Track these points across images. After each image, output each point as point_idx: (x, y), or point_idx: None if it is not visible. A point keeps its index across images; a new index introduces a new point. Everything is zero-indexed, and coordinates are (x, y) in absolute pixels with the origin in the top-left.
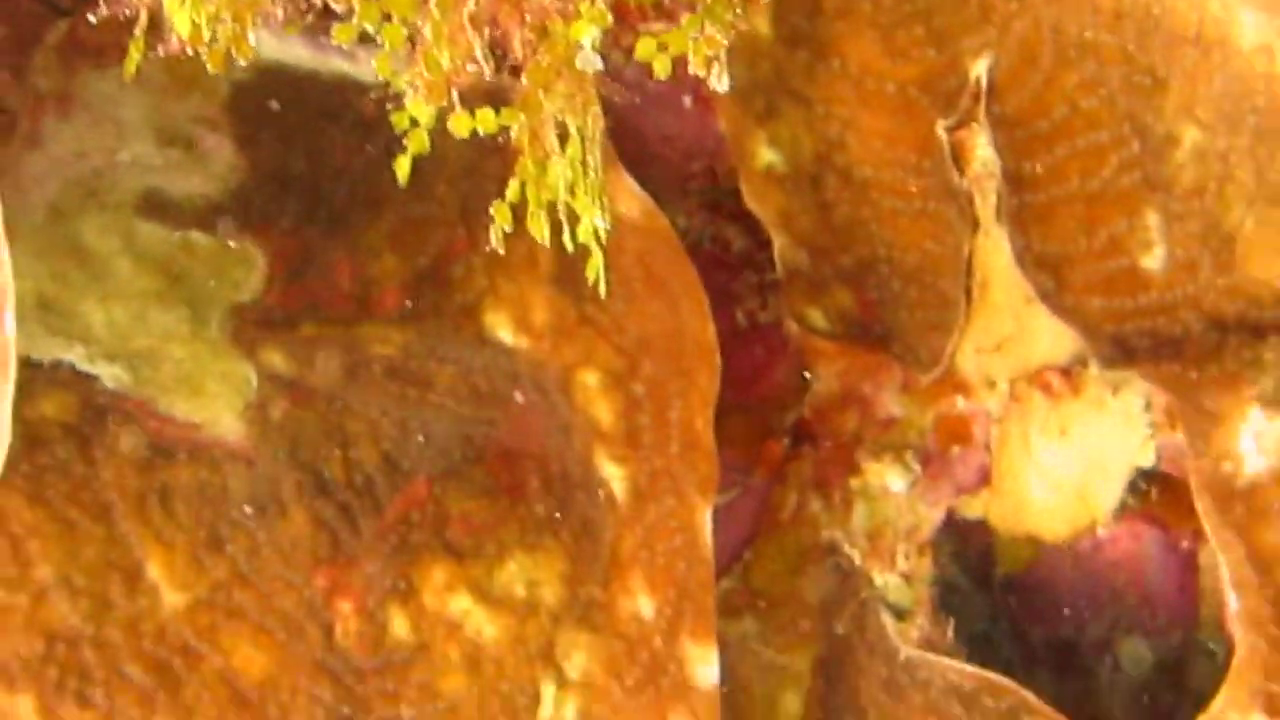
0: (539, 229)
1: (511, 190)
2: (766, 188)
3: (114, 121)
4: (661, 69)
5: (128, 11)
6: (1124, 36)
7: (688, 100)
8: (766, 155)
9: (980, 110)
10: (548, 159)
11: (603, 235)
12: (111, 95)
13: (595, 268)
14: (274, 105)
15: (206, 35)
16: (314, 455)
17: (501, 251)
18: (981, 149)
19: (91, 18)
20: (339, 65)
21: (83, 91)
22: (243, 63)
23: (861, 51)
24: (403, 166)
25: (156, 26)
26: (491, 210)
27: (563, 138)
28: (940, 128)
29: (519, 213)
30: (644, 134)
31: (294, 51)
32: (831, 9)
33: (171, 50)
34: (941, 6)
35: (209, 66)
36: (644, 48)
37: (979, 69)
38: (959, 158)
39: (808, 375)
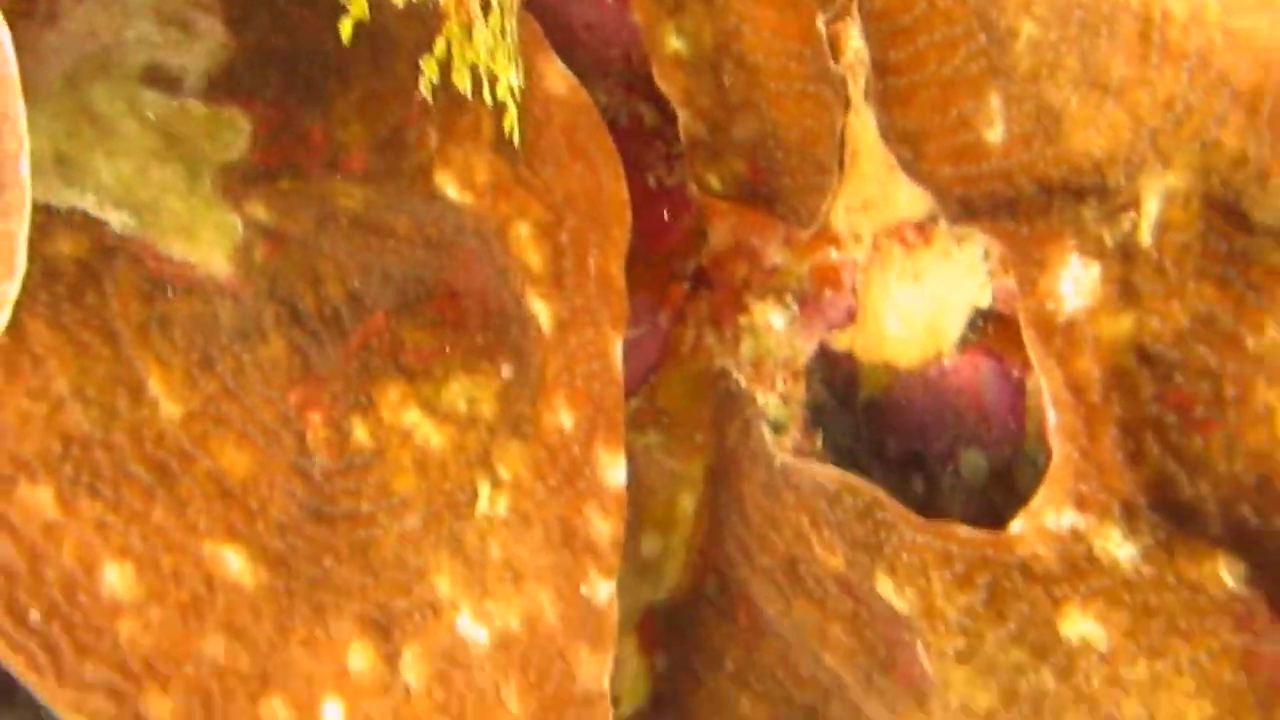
0: (462, 83)
1: (438, 48)
2: (674, 71)
3: (121, 4)
4: None
5: None
6: None
7: None
8: (674, 43)
9: (853, 6)
10: (471, 24)
11: (517, 93)
12: None
13: (510, 121)
14: None
15: None
16: (290, 291)
17: (431, 100)
18: (854, 40)
19: None
20: None
21: None
22: None
23: None
24: (345, 28)
25: None
26: (421, 63)
27: (485, 8)
28: (820, 21)
29: (446, 70)
30: (571, 24)
31: None
32: None
33: None
34: None
35: None
36: None
37: None
38: (835, 47)
39: (706, 230)
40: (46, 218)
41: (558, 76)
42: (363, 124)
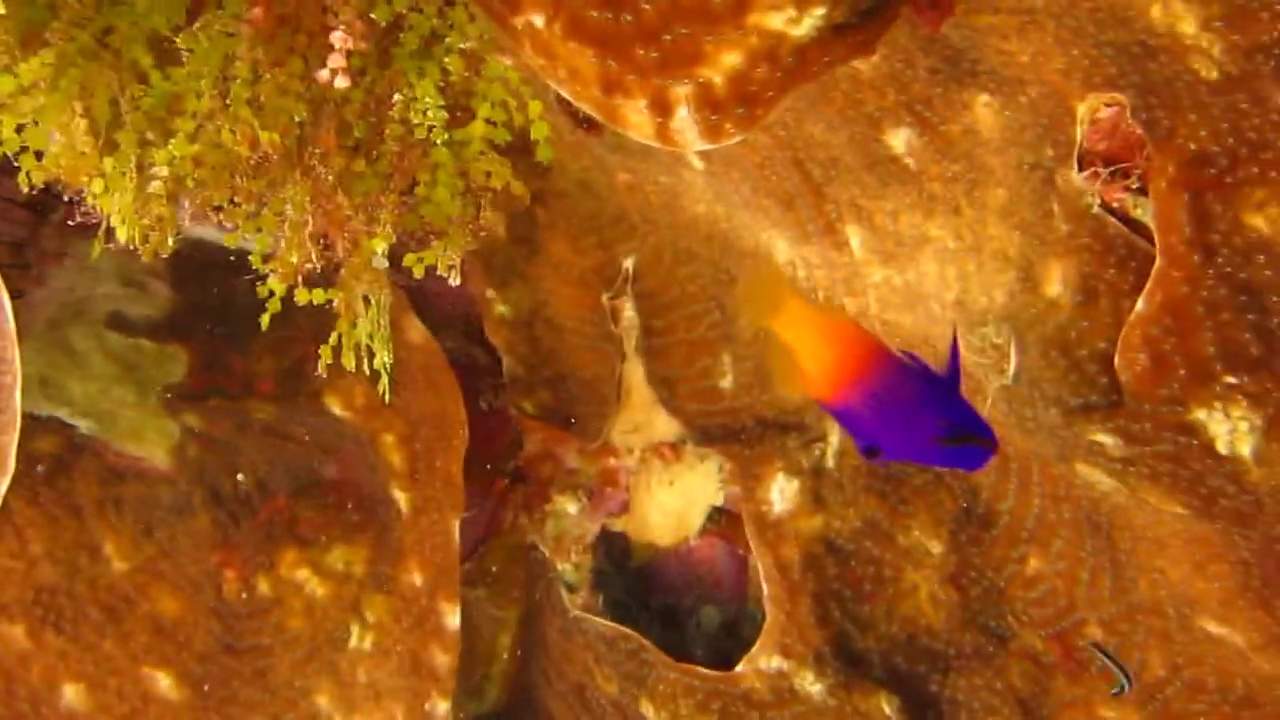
0: (349, 363)
1: (332, 339)
2: (500, 328)
3: (93, 270)
4: (418, 271)
5: (95, 219)
6: (713, 250)
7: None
8: (501, 308)
9: (628, 287)
10: (356, 320)
11: (388, 366)
12: (89, 253)
13: (383, 386)
14: (195, 263)
15: (139, 239)
16: (214, 479)
17: (325, 376)
18: (628, 310)
19: (70, 222)
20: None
21: (73, 250)
22: (165, 253)
23: (559, 250)
24: (265, 320)
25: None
26: (320, 351)
27: (365, 304)
28: (605, 297)
29: (338, 351)
30: (425, 291)
31: (209, 232)
32: (543, 222)
33: (119, 245)
34: (606, 226)
35: (143, 257)
36: (409, 260)
37: (628, 263)
38: (615, 316)
39: (522, 441)
40: (30, 423)
41: (416, 330)
42: (273, 359)
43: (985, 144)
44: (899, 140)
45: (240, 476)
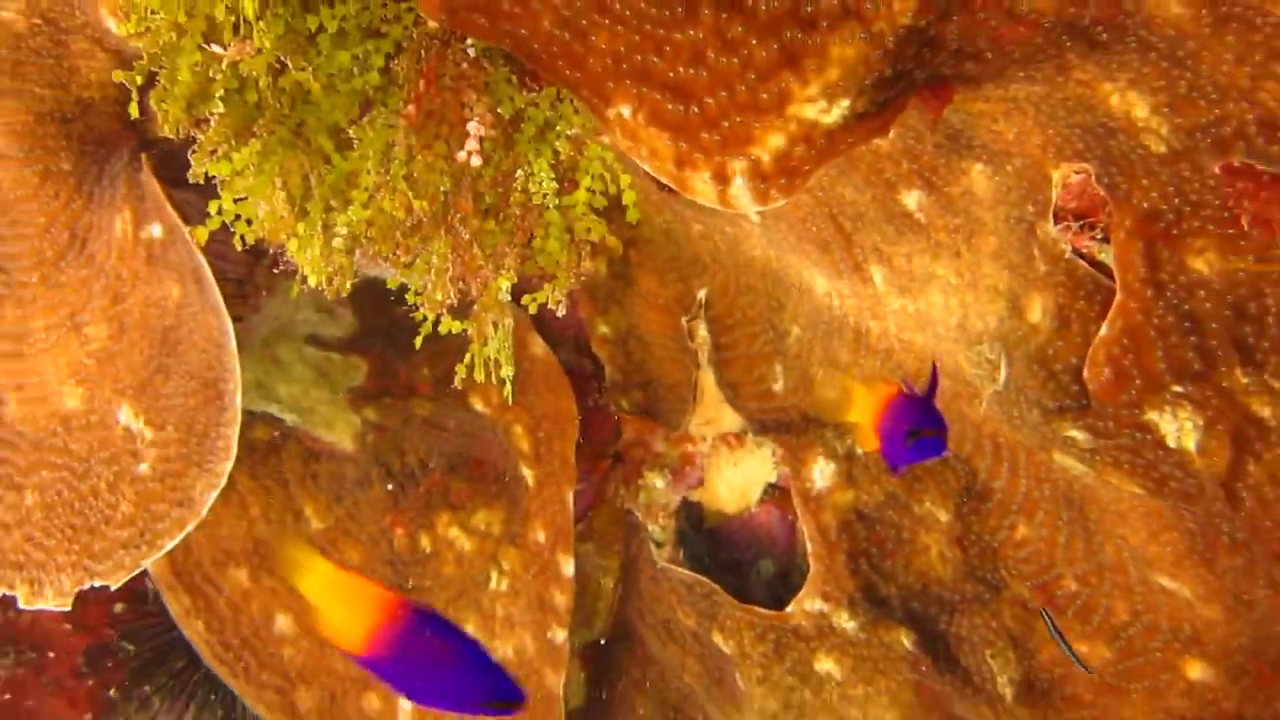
0: (479, 376)
1: (467, 359)
2: (603, 344)
3: (294, 302)
4: (532, 309)
5: (293, 266)
6: (767, 284)
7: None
8: (603, 329)
9: (701, 312)
10: (486, 342)
11: (510, 377)
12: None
13: (507, 391)
14: (370, 295)
15: (325, 283)
16: (387, 459)
17: (458, 381)
18: (702, 330)
19: (275, 270)
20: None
21: (279, 286)
22: (345, 293)
23: (648, 283)
24: (418, 341)
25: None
26: (456, 369)
27: (495, 327)
28: (683, 320)
29: (472, 368)
30: (544, 316)
31: (380, 271)
32: (635, 262)
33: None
34: (684, 265)
35: (329, 296)
36: (525, 300)
37: (701, 294)
38: (692, 334)
39: (620, 431)
40: (249, 417)
41: (538, 345)
42: (429, 368)
43: (980, 202)
44: (912, 199)
45: (407, 457)
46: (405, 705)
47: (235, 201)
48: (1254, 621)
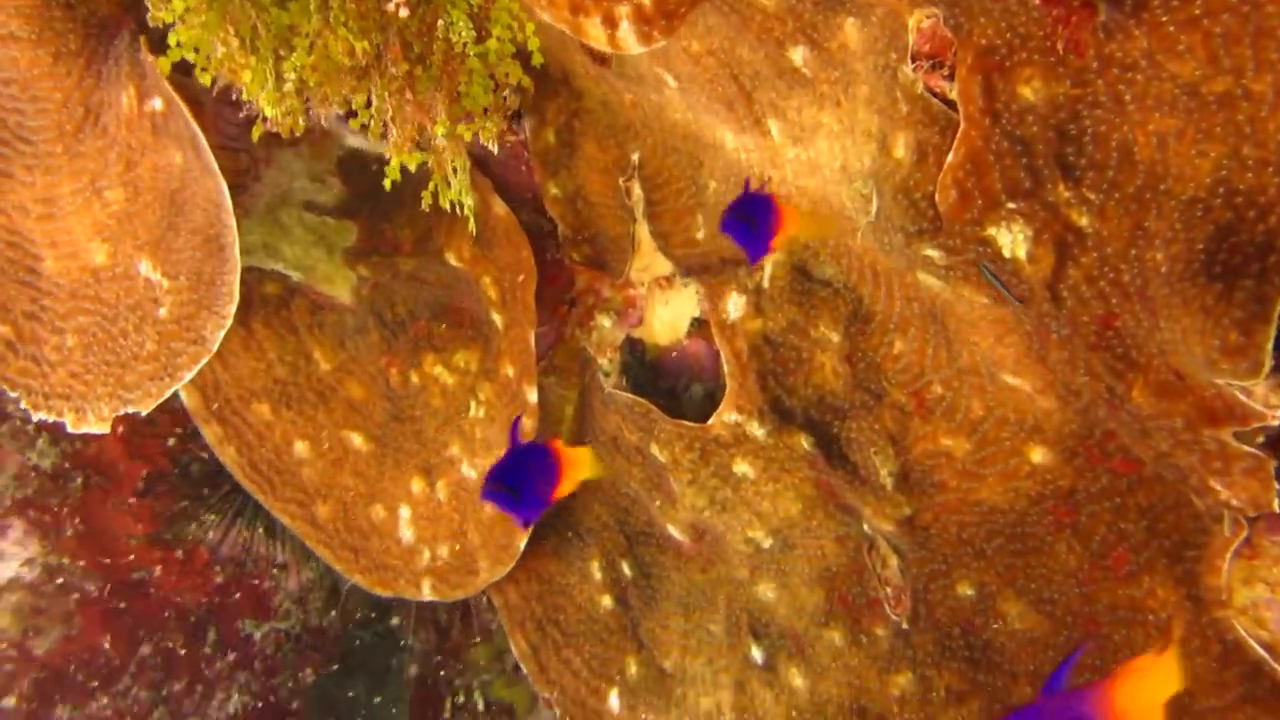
0: (444, 203)
1: (429, 189)
2: (555, 204)
3: (290, 170)
4: (467, 136)
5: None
6: (689, 144)
7: (524, 167)
8: (554, 190)
9: (635, 172)
10: (446, 180)
11: (472, 211)
12: (288, 159)
13: (472, 227)
14: (355, 165)
15: (280, 120)
16: (381, 309)
17: (426, 208)
18: (636, 189)
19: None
20: (378, 149)
21: (277, 156)
22: (299, 131)
23: (590, 149)
24: (387, 184)
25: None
26: (423, 194)
27: (454, 171)
28: (621, 180)
29: (437, 200)
30: (509, 184)
31: (361, 142)
32: (578, 131)
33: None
34: (620, 132)
35: (282, 133)
36: (462, 129)
37: (635, 157)
38: (629, 192)
39: (574, 280)
40: (260, 275)
41: (499, 206)
42: (410, 229)
43: (853, 54)
44: (798, 55)
45: (396, 308)
46: (404, 513)
47: (179, 45)
48: (1080, 409)
